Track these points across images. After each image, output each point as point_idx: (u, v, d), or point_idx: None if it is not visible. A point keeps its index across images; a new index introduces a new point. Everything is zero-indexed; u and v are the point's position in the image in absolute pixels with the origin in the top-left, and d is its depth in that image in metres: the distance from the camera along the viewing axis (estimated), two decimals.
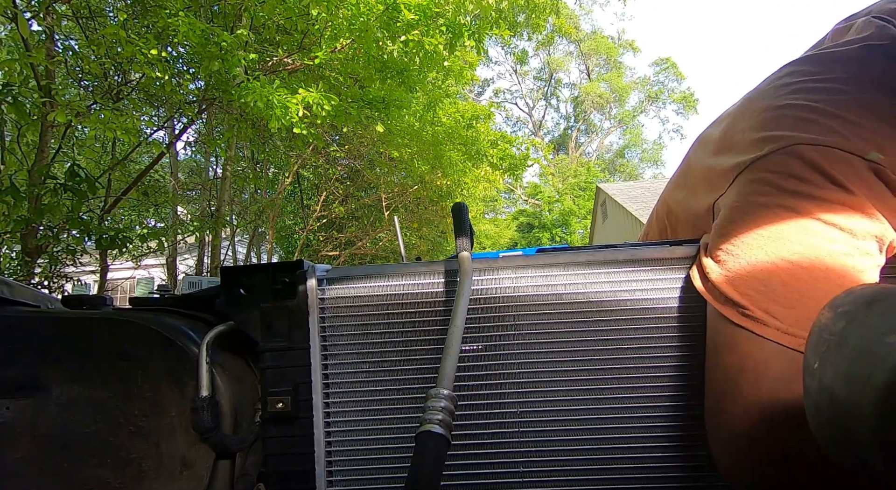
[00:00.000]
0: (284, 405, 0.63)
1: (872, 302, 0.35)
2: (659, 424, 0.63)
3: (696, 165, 0.76)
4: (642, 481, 0.63)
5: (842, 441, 0.34)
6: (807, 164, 0.56)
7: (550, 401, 0.64)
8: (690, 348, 0.63)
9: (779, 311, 0.54)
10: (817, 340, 0.38)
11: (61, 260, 4.51)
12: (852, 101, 0.59)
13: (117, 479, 0.63)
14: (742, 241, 0.57)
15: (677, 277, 0.64)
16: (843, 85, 0.61)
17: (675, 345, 0.63)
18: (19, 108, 3.01)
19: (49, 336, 0.66)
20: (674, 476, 0.62)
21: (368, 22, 4.39)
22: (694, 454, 0.62)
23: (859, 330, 0.34)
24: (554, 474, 0.63)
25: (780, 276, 0.55)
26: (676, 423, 0.63)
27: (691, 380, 0.63)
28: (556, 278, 0.65)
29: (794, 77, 0.65)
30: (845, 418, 0.32)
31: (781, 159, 0.58)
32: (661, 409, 0.63)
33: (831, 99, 0.60)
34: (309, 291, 0.65)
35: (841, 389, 0.33)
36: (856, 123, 0.57)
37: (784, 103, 0.62)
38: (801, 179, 0.56)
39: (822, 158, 0.56)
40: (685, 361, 0.63)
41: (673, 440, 0.63)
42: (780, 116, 0.61)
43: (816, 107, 0.59)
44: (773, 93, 0.65)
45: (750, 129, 0.63)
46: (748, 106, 0.68)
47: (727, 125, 0.70)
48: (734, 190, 0.62)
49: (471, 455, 0.64)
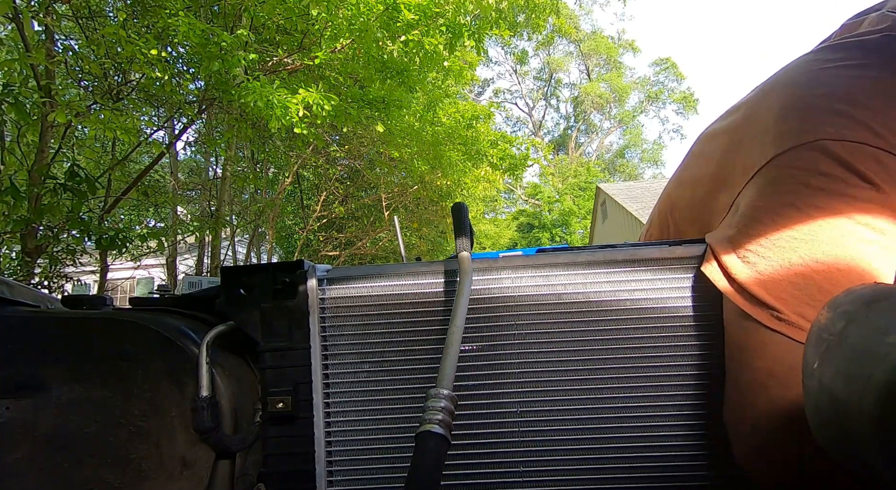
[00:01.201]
0: (285, 405, 0.63)
1: (872, 302, 0.35)
2: (659, 424, 0.63)
3: (706, 160, 0.74)
4: (642, 481, 0.63)
5: (841, 441, 0.34)
6: (835, 160, 0.54)
7: (550, 400, 0.64)
8: (691, 347, 0.63)
9: (814, 315, 0.53)
10: (817, 340, 0.38)
11: (61, 260, 4.51)
12: (877, 88, 0.57)
13: (117, 480, 0.63)
14: (773, 242, 0.55)
15: (677, 277, 0.64)
16: (864, 71, 0.58)
17: (675, 344, 0.63)
18: (19, 109, 3.01)
19: (49, 336, 0.66)
20: (673, 476, 0.62)
21: (368, 22, 4.39)
22: (693, 454, 0.62)
23: (859, 330, 0.34)
24: (553, 474, 0.63)
25: (815, 279, 0.53)
26: (676, 423, 0.63)
27: (692, 379, 0.63)
28: (556, 278, 0.65)
29: (811, 65, 0.62)
30: (845, 418, 0.32)
31: (808, 155, 0.55)
32: (661, 409, 0.63)
33: (853, 86, 0.57)
34: (309, 291, 0.65)
35: (841, 389, 0.33)
36: (881, 113, 0.55)
37: (806, 92, 0.59)
38: (830, 177, 0.54)
39: (850, 155, 0.53)
40: (685, 361, 0.63)
41: (672, 440, 0.63)
42: (803, 107, 0.58)
43: (838, 95, 0.57)
44: (790, 82, 0.62)
45: (772, 122, 0.61)
46: (763, 99, 0.66)
47: (742, 117, 0.68)
48: (756, 186, 0.59)
49: (471, 455, 0.64)
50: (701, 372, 0.63)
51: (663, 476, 0.63)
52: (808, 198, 0.55)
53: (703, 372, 0.63)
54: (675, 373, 0.63)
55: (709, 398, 0.62)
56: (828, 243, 0.53)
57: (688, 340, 0.63)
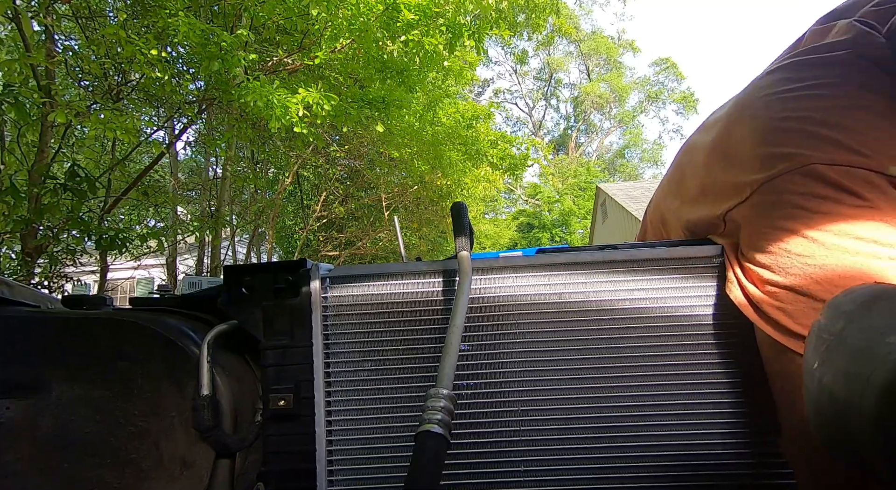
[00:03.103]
0: (286, 403, 0.63)
1: (872, 302, 0.35)
2: (660, 424, 0.63)
3: (692, 175, 0.75)
4: (642, 480, 0.63)
5: (842, 440, 0.34)
6: (829, 184, 0.56)
7: (549, 400, 0.64)
8: (691, 347, 0.63)
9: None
10: (817, 340, 0.38)
11: (61, 260, 4.51)
12: (851, 108, 0.59)
13: (117, 480, 0.63)
14: (784, 268, 0.57)
15: (678, 277, 0.64)
16: (836, 90, 0.60)
17: (675, 343, 0.63)
18: (19, 109, 3.01)
19: (49, 336, 0.66)
20: (673, 476, 0.62)
21: (368, 22, 4.39)
22: (692, 453, 0.62)
23: (859, 330, 0.34)
24: (553, 474, 0.63)
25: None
26: (676, 422, 0.63)
27: (693, 379, 0.63)
28: (555, 278, 0.65)
29: (786, 84, 0.64)
30: (845, 418, 0.32)
31: (802, 181, 0.57)
32: (662, 408, 0.63)
33: (830, 107, 0.59)
34: (312, 290, 0.65)
35: (841, 389, 0.33)
36: (861, 132, 0.57)
37: (784, 115, 0.61)
38: (828, 199, 0.56)
39: (842, 178, 0.55)
40: (686, 361, 0.63)
41: (671, 439, 0.63)
42: (783, 130, 0.60)
43: (818, 118, 0.59)
44: (768, 103, 0.64)
45: (752, 143, 0.62)
46: (740, 114, 0.67)
47: (720, 134, 0.69)
48: (752, 209, 0.61)
49: (470, 454, 0.64)
50: (699, 371, 0.63)
51: (664, 476, 0.63)
52: (810, 222, 0.56)
53: (702, 371, 0.63)
54: (675, 372, 0.63)
55: (707, 398, 0.62)
56: (839, 265, 0.54)
57: (688, 340, 0.63)
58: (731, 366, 0.62)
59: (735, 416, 0.62)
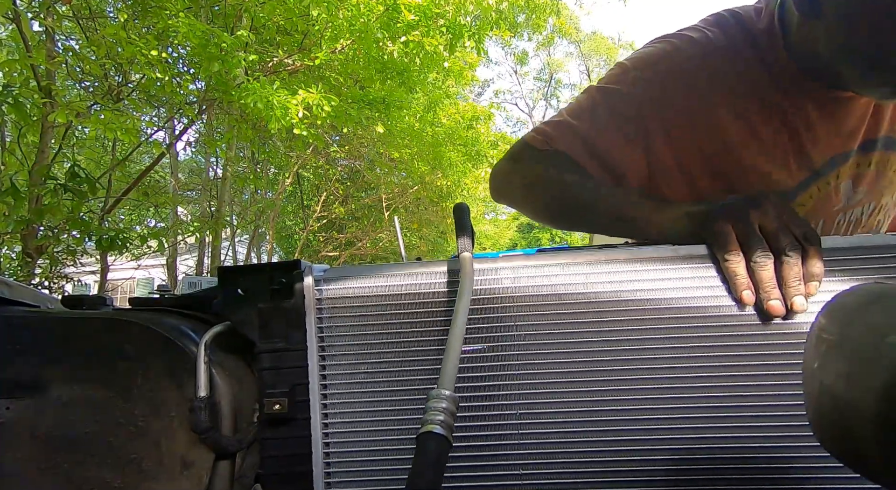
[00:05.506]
0: (282, 407, 0.63)
1: (872, 301, 0.35)
2: (663, 426, 0.63)
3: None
4: (644, 484, 0.62)
5: (844, 442, 0.34)
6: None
7: (553, 401, 0.64)
8: (696, 349, 0.63)
9: None
10: (817, 340, 0.38)
11: (61, 260, 4.51)
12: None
13: (118, 480, 0.63)
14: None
15: (680, 277, 0.64)
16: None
17: (678, 344, 0.63)
18: (20, 109, 3.01)
19: (49, 336, 0.66)
20: (673, 479, 0.62)
21: (368, 22, 4.39)
22: (692, 455, 0.62)
23: (860, 330, 0.34)
24: (556, 476, 0.63)
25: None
26: (683, 426, 0.62)
27: (695, 379, 0.63)
28: (556, 278, 0.65)
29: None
30: (847, 419, 0.32)
31: None
32: (664, 411, 0.63)
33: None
34: (306, 291, 0.65)
35: (842, 390, 0.33)
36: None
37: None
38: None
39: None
40: (690, 363, 0.63)
41: (678, 443, 0.63)
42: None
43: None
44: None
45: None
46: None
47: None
48: None
49: (472, 456, 0.63)
50: (702, 374, 0.62)
51: (664, 478, 0.62)
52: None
53: (712, 374, 0.62)
54: (679, 373, 0.63)
55: (708, 399, 0.62)
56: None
57: (689, 339, 0.63)
58: (736, 368, 0.62)
59: (740, 420, 0.62)
